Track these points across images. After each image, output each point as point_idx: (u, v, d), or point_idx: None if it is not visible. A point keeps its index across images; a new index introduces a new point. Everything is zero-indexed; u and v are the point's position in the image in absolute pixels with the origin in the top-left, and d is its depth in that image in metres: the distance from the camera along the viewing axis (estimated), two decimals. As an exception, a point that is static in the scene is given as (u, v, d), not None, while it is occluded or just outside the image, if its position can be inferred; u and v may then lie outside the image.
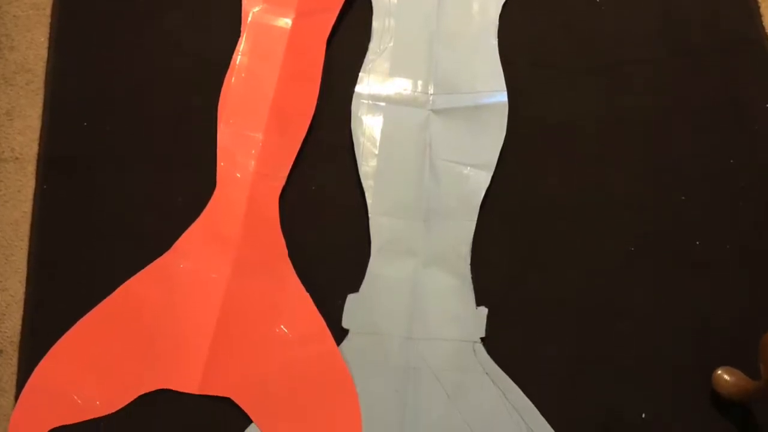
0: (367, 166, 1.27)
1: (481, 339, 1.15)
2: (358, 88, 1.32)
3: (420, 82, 1.34)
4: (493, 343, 1.15)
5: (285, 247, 1.20)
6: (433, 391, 1.12)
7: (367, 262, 1.20)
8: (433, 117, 1.31)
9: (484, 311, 1.17)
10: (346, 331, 1.15)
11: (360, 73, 1.33)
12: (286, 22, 1.37)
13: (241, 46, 1.34)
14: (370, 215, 1.23)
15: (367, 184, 1.25)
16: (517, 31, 1.40)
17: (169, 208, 1.24)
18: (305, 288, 1.17)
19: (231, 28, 1.36)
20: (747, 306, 1.21)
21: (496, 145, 1.27)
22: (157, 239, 1.19)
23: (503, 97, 1.32)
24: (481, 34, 1.38)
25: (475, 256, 1.21)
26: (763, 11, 1.44)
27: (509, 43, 1.38)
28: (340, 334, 1.15)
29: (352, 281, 1.19)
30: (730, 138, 1.33)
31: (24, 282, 1.18)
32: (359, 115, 1.30)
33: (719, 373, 1.12)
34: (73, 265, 1.19)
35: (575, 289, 1.21)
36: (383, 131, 1.29)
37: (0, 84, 1.32)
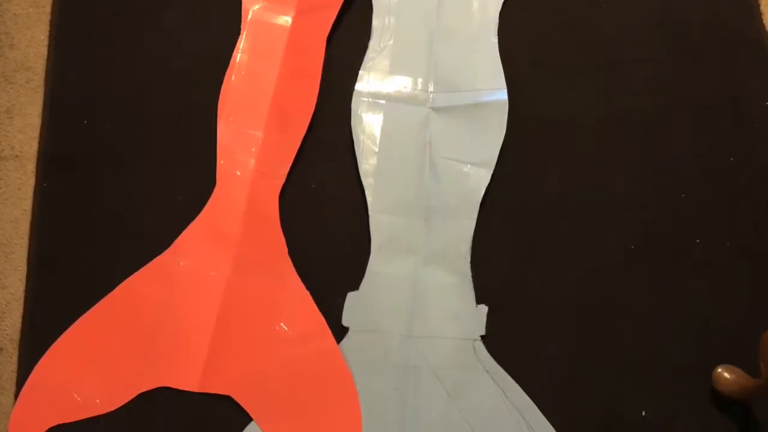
0: (367, 164, 1.26)
1: (481, 337, 1.15)
2: (358, 86, 1.32)
3: (420, 80, 1.34)
4: (493, 342, 1.15)
5: (285, 245, 1.20)
6: (433, 389, 1.12)
7: (367, 260, 1.20)
8: (433, 115, 1.31)
9: (484, 309, 1.17)
10: (346, 329, 1.15)
11: (360, 71, 1.33)
12: (286, 20, 1.37)
13: (241, 43, 1.34)
14: (370, 213, 1.23)
15: (367, 182, 1.25)
16: (517, 30, 1.40)
17: (169, 206, 1.23)
18: (305, 286, 1.17)
19: (231, 26, 1.36)
20: (747, 305, 1.20)
21: (496, 142, 1.27)
22: (157, 237, 1.19)
23: (503, 95, 1.31)
24: (481, 31, 1.38)
25: (475, 254, 1.21)
26: (762, 10, 1.44)
27: (509, 43, 1.38)
28: (340, 332, 1.15)
29: (352, 279, 1.19)
30: (730, 137, 1.33)
31: (24, 280, 1.18)
32: (359, 112, 1.30)
33: (719, 371, 1.12)
34: (72, 263, 1.19)
35: (575, 287, 1.21)
36: (383, 129, 1.29)
37: (0, 82, 1.32)
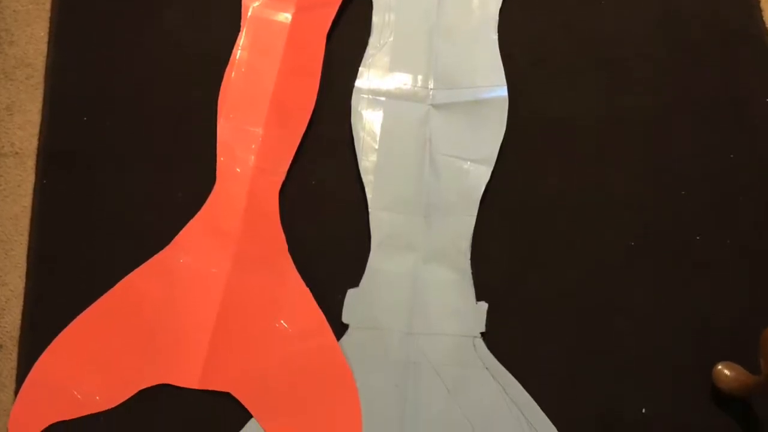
0: (367, 161, 1.26)
1: (481, 334, 1.15)
2: (358, 83, 1.32)
3: (420, 77, 1.34)
4: (493, 339, 1.15)
5: (285, 241, 1.20)
6: (433, 385, 1.12)
7: (367, 257, 1.19)
8: (433, 112, 1.31)
9: (484, 306, 1.17)
10: (346, 326, 1.15)
11: (360, 68, 1.33)
12: (286, 17, 1.37)
13: (241, 40, 1.34)
14: (370, 210, 1.23)
15: (367, 179, 1.25)
16: (518, 28, 1.40)
17: (169, 203, 1.23)
18: (305, 283, 1.17)
19: (231, 23, 1.36)
20: (747, 304, 1.20)
21: (497, 139, 1.27)
22: (157, 234, 1.19)
23: (503, 91, 1.31)
24: (481, 28, 1.38)
25: (475, 251, 1.21)
26: (762, 6, 1.44)
27: (509, 42, 1.38)
28: (340, 329, 1.15)
29: (352, 276, 1.19)
30: (731, 134, 1.33)
31: (24, 277, 1.18)
32: (359, 109, 1.30)
33: (719, 368, 1.12)
34: (72, 260, 1.19)
35: (575, 285, 1.21)
36: (383, 126, 1.29)
37: (0, 79, 1.32)
